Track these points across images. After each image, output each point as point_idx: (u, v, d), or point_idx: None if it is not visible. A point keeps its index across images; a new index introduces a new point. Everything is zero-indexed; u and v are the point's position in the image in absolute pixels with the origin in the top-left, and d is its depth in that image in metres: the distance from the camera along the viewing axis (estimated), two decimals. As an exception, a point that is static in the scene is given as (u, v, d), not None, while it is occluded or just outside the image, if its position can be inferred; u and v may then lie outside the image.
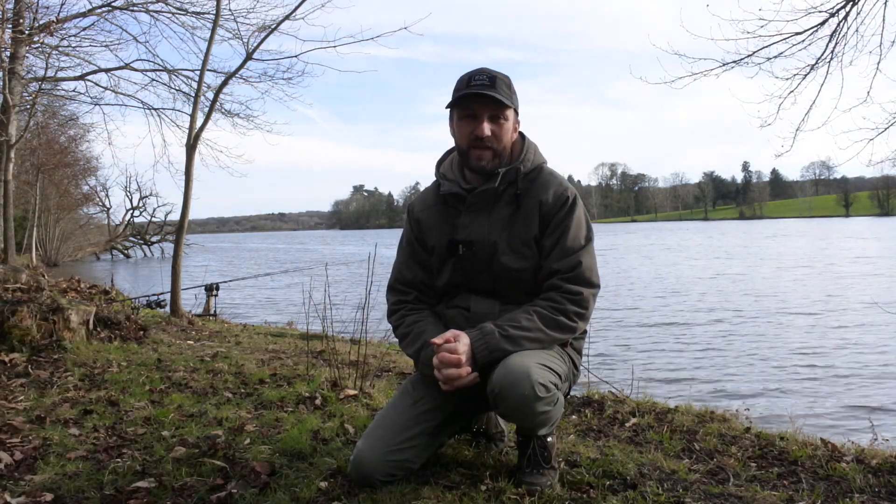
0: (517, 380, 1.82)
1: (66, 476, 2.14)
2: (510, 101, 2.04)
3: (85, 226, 40.75)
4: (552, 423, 1.99)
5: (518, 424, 2.01)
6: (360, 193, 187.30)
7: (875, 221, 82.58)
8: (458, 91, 2.04)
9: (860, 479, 2.15)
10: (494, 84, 2.01)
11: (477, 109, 2.03)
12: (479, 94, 2.00)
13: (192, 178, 7.82)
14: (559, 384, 1.95)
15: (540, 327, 1.94)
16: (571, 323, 1.99)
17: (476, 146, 2.04)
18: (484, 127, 2.02)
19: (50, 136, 19.71)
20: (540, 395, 1.83)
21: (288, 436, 2.53)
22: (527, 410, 1.86)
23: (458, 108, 2.07)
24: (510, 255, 2.05)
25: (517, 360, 1.86)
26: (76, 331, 4.43)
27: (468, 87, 2.02)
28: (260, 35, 8.08)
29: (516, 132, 2.15)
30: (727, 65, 5.98)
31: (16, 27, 7.67)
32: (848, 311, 12.55)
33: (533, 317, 1.95)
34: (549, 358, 1.95)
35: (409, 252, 2.23)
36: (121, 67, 9.93)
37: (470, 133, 2.04)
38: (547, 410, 1.90)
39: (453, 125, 2.12)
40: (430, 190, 2.26)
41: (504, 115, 2.05)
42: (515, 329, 1.92)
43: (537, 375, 1.84)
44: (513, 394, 1.83)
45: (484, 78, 2.01)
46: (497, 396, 1.86)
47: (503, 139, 2.06)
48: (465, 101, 2.04)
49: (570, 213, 2.05)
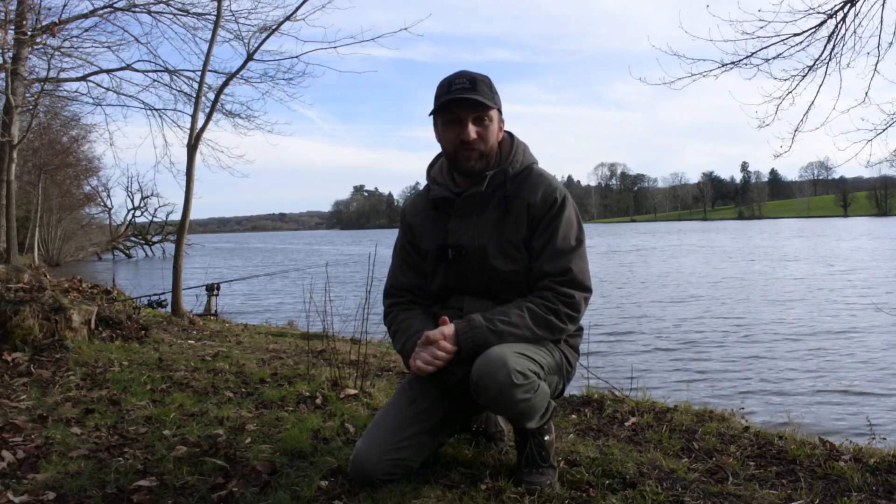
0: (495, 368, 1.83)
1: (69, 475, 2.16)
2: (492, 101, 2.04)
3: (87, 226, 40.74)
4: (537, 414, 1.97)
5: (502, 415, 2.02)
6: (360, 193, 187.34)
7: (874, 221, 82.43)
8: (440, 97, 2.04)
9: (858, 478, 2.15)
10: (475, 86, 2.01)
11: (460, 114, 2.03)
12: (461, 99, 1.99)
13: (193, 178, 7.84)
14: (540, 373, 1.94)
15: (529, 325, 1.95)
16: (561, 324, 1.99)
17: (462, 150, 2.04)
18: (469, 130, 2.02)
19: (52, 137, 19.73)
20: (517, 381, 1.83)
21: (288, 435, 2.54)
22: (505, 399, 1.86)
23: (441, 114, 2.07)
24: (500, 259, 2.05)
25: (496, 350, 1.88)
26: (78, 330, 4.45)
27: (449, 92, 2.01)
28: (261, 36, 8.11)
29: (502, 131, 2.15)
30: (726, 66, 5.99)
31: (18, 28, 7.70)
32: (852, 311, 12.55)
33: (524, 313, 1.96)
34: (530, 348, 1.95)
35: (403, 257, 2.24)
36: (122, 68, 9.94)
37: (455, 138, 2.04)
38: (526, 398, 1.88)
39: (438, 131, 2.11)
40: (421, 195, 2.27)
41: (488, 117, 2.05)
42: (504, 324, 1.93)
43: (514, 363, 1.84)
44: (491, 381, 1.84)
45: (464, 81, 2.01)
46: (476, 385, 1.87)
47: (489, 140, 2.07)
48: (447, 107, 2.03)
49: (560, 214, 2.04)
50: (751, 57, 5.88)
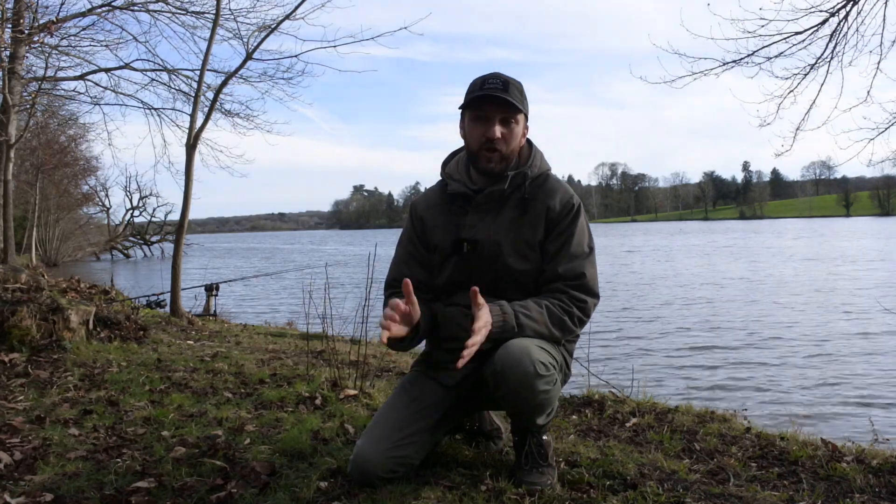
0: (519, 358, 1.86)
1: (66, 476, 2.14)
2: (521, 105, 2.07)
3: (85, 226, 40.69)
4: (549, 409, 2.01)
5: (518, 409, 2.00)
6: (360, 193, 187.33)
7: (878, 221, 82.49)
8: (472, 93, 2.07)
9: (860, 480, 2.14)
10: (507, 88, 2.04)
11: (489, 112, 2.06)
12: (491, 97, 2.02)
13: (192, 177, 7.82)
14: (556, 367, 1.99)
15: (546, 322, 1.98)
16: (573, 326, 2.03)
17: (486, 148, 2.07)
18: (495, 129, 2.05)
19: (50, 136, 19.70)
20: (541, 372, 1.88)
21: (288, 436, 2.53)
22: (528, 389, 1.89)
23: (470, 110, 2.10)
24: (514, 257, 2.08)
25: (517, 341, 1.90)
26: (76, 331, 4.43)
27: (482, 89, 2.04)
28: (260, 35, 8.09)
29: (524, 137, 2.18)
30: (727, 64, 5.99)
31: (15, 27, 7.67)
32: (857, 310, 12.54)
33: (543, 310, 1.99)
34: (546, 344, 1.99)
35: (410, 250, 2.24)
36: (121, 67, 9.92)
37: (481, 135, 2.07)
38: (547, 390, 1.93)
39: (465, 126, 2.14)
40: (435, 189, 2.28)
41: (515, 119, 2.08)
42: (526, 318, 1.95)
43: (537, 354, 1.89)
44: (515, 371, 1.86)
45: (497, 82, 2.04)
46: (498, 374, 1.89)
47: (512, 143, 2.09)
48: (477, 103, 2.06)
49: (575, 221, 2.09)
50: (752, 55, 5.88)
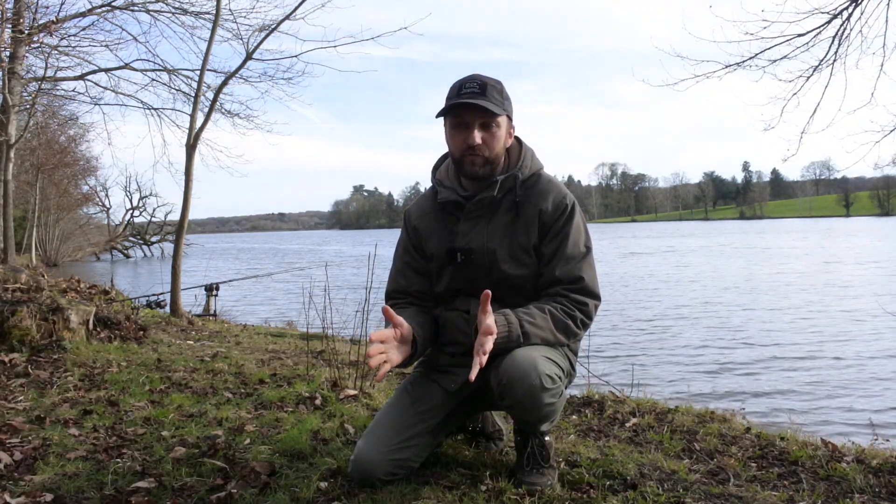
0: (526, 371, 1.83)
1: (66, 476, 2.14)
2: (501, 108, 2.01)
3: (85, 226, 40.70)
4: (554, 417, 2.01)
5: (522, 418, 2.00)
6: (359, 193, 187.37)
7: (878, 221, 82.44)
8: (449, 100, 2.02)
9: (861, 480, 2.14)
10: (485, 91, 1.98)
11: (467, 118, 2.00)
12: (468, 104, 1.97)
13: (191, 177, 7.83)
14: (562, 377, 1.96)
15: (551, 328, 1.95)
16: (577, 329, 2.00)
17: (468, 154, 2.03)
18: (475, 136, 1.99)
19: (49, 136, 19.70)
20: (547, 386, 1.86)
21: (288, 436, 2.53)
22: (534, 402, 1.87)
23: (449, 118, 2.05)
24: (510, 263, 2.05)
25: (523, 352, 1.87)
26: (76, 331, 4.43)
27: (458, 95, 1.99)
28: (260, 35, 8.10)
29: (511, 138, 2.13)
30: (730, 66, 5.96)
31: (15, 27, 7.66)
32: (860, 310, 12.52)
33: (547, 316, 1.96)
34: (552, 352, 1.96)
35: (407, 260, 2.22)
36: (120, 67, 9.93)
37: (462, 142, 2.02)
38: (552, 402, 1.91)
39: (446, 133, 2.10)
40: (427, 197, 2.25)
41: (496, 123, 2.02)
42: (531, 325, 1.92)
43: (544, 367, 1.86)
44: (521, 385, 1.84)
45: (474, 86, 1.99)
46: (504, 387, 1.86)
47: (495, 147, 2.04)
48: (455, 111, 2.01)
49: (570, 221, 2.04)
50: (754, 58, 5.85)
